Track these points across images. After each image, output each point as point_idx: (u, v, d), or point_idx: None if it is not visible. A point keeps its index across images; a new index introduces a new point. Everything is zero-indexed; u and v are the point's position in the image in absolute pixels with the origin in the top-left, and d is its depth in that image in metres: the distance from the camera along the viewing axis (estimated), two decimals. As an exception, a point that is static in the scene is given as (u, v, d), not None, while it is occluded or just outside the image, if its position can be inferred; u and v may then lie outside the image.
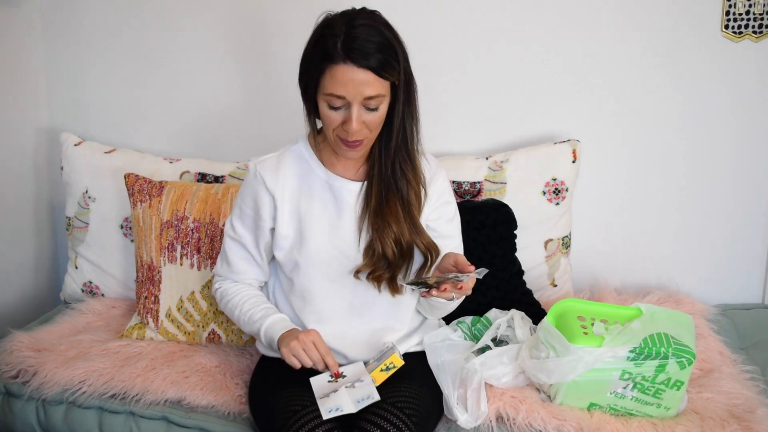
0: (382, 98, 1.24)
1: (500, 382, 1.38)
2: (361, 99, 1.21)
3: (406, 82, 1.29)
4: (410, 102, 1.31)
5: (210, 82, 2.02)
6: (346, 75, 1.19)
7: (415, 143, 1.35)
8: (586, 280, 1.94)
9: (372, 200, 1.35)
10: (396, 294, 1.38)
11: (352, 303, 1.39)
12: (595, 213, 1.94)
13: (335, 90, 1.21)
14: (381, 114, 1.26)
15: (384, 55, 1.20)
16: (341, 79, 1.19)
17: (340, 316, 1.39)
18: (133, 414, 1.42)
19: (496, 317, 1.54)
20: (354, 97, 1.21)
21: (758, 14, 1.77)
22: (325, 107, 1.25)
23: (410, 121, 1.32)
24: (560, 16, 1.84)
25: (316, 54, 1.23)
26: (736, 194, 1.88)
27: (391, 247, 1.32)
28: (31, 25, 2.03)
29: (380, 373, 1.27)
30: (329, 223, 1.36)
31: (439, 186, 1.43)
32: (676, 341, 1.27)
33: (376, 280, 1.35)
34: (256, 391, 1.38)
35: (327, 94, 1.22)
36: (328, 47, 1.20)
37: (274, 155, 1.40)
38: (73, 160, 1.94)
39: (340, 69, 1.19)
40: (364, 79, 1.20)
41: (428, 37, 1.87)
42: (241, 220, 1.42)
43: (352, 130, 1.23)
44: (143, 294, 1.72)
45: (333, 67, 1.20)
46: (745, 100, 1.83)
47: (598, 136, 1.89)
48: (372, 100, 1.22)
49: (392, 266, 1.34)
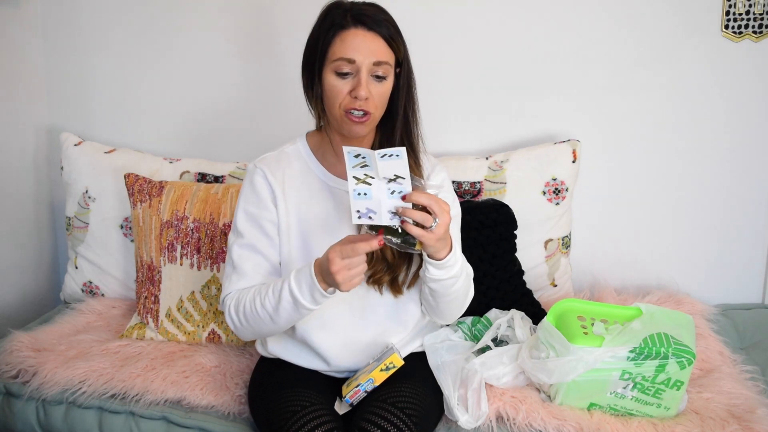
0: (389, 68, 1.24)
1: (500, 382, 1.38)
2: (371, 64, 1.21)
3: (407, 72, 1.30)
4: (410, 93, 1.31)
5: (210, 83, 2.02)
6: (357, 38, 1.21)
7: (416, 136, 1.34)
8: (586, 280, 1.94)
9: None
10: (398, 295, 1.36)
11: (352, 305, 1.36)
12: (595, 213, 1.94)
13: (345, 53, 1.21)
14: (386, 89, 1.26)
15: (392, 27, 1.24)
16: (352, 42, 1.21)
17: (344, 320, 1.36)
18: (133, 414, 1.42)
19: (497, 317, 1.54)
20: (364, 60, 1.21)
21: (758, 14, 1.77)
22: (332, 78, 1.23)
23: (411, 112, 1.32)
24: (560, 16, 1.84)
25: (323, 28, 1.24)
26: (736, 194, 1.88)
27: (390, 249, 1.31)
28: (31, 25, 2.03)
29: (380, 372, 1.27)
30: (329, 225, 1.34)
31: (437, 178, 1.40)
32: (676, 341, 1.27)
33: (377, 283, 1.34)
34: (255, 392, 1.37)
35: (336, 60, 1.22)
36: (337, 18, 1.22)
37: (272, 154, 1.39)
38: (73, 160, 1.95)
39: (351, 32, 1.21)
40: (375, 42, 1.21)
41: (428, 37, 1.87)
42: (247, 222, 1.35)
43: (361, 95, 1.21)
44: (143, 294, 1.72)
45: (343, 32, 1.21)
46: (745, 100, 1.82)
47: (598, 136, 1.89)
48: (380, 67, 1.22)
49: (392, 267, 1.33)
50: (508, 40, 1.88)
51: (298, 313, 1.23)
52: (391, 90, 1.27)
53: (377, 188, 1.11)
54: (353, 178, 1.11)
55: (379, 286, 1.35)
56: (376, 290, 1.35)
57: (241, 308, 1.29)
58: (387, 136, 1.32)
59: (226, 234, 1.67)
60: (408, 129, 1.32)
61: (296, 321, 1.28)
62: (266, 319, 1.26)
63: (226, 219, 1.69)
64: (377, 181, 1.10)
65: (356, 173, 1.11)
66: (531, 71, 1.88)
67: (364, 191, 1.11)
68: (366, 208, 1.12)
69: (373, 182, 1.11)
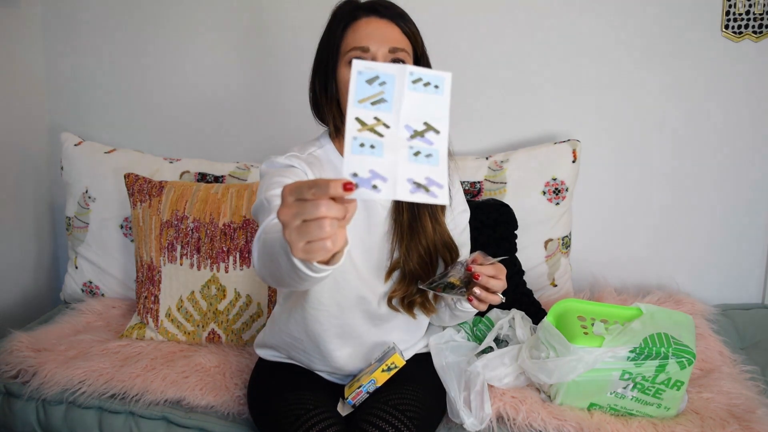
0: (407, 56, 1.20)
1: (502, 383, 1.38)
2: (386, 50, 1.18)
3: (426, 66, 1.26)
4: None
5: (210, 83, 2.02)
6: (370, 25, 1.18)
7: None
8: (586, 280, 1.94)
9: (403, 215, 1.26)
10: (431, 314, 1.34)
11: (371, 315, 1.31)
12: (595, 213, 1.94)
13: (359, 42, 1.17)
14: None
15: (406, 16, 1.21)
16: (365, 30, 1.18)
17: (361, 329, 1.31)
18: (133, 414, 1.42)
19: (498, 317, 1.54)
20: (379, 47, 1.17)
21: (758, 14, 1.77)
22: (346, 71, 1.17)
23: None
24: (560, 16, 1.84)
25: (333, 25, 1.20)
26: (737, 194, 1.88)
27: (417, 262, 1.26)
28: (31, 25, 2.03)
29: (382, 373, 1.26)
30: (360, 238, 1.26)
31: (458, 192, 1.39)
32: (676, 341, 1.27)
33: (410, 307, 1.30)
34: (256, 394, 1.36)
35: (349, 51, 1.17)
36: (347, 13, 1.20)
37: (296, 153, 1.24)
38: (73, 160, 1.95)
39: (364, 21, 1.19)
40: (389, 29, 1.18)
41: (428, 37, 1.86)
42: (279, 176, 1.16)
43: None
44: (143, 294, 1.72)
45: (356, 23, 1.19)
46: (745, 100, 1.83)
47: (598, 136, 1.89)
48: (397, 53, 1.19)
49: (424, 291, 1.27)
50: (508, 40, 1.88)
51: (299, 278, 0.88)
52: None
53: (393, 142, 0.72)
54: (356, 120, 0.72)
55: (411, 311, 1.31)
56: (410, 315, 1.32)
57: (261, 236, 1.01)
58: None
59: (226, 234, 1.68)
60: None
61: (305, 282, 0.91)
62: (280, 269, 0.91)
63: (226, 219, 1.69)
64: (394, 131, 0.72)
65: (362, 113, 0.72)
66: (531, 71, 1.88)
67: (371, 143, 0.71)
68: (370, 171, 0.70)
69: (387, 133, 0.72)
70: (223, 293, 1.67)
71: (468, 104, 1.92)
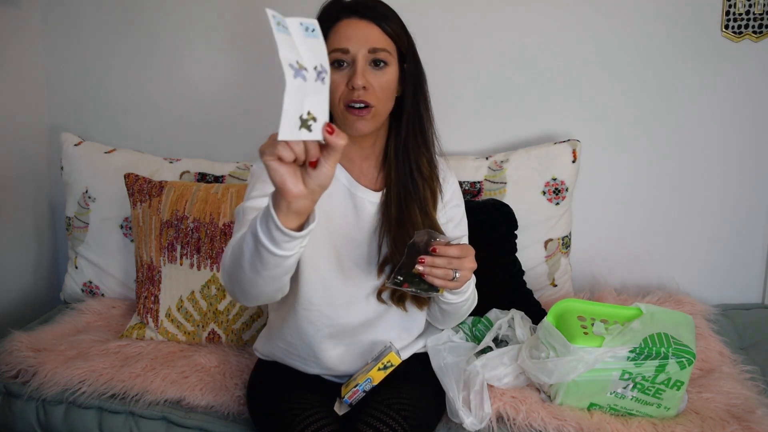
0: (388, 55, 1.19)
1: (501, 383, 1.38)
2: (366, 51, 1.17)
3: (415, 65, 1.26)
4: (420, 88, 1.26)
5: (210, 82, 2.02)
6: (349, 27, 1.18)
7: (432, 136, 1.30)
8: (586, 280, 1.94)
9: (392, 209, 1.27)
10: (424, 307, 1.34)
11: (368, 314, 1.32)
12: (595, 213, 1.94)
13: (339, 43, 1.17)
14: (388, 79, 1.20)
15: (390, 15, 1.21)
16: (344, 32, 1.18)
17: (355, 329, 1.32)
18: (133, 414, 1.42)
19: (497, 318, 1.54)
20: (359, 48, 1.17)
21: (758, 14, 1.77)
22: (332, 73, 1.17)
23: (424, 109, 1.27)
24: (560, 16, 1.84)
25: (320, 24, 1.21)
26: (737, 194, 1.88)
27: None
28: (31, 25, 2.03)
29: (378, 372, 1.26)
30: (349, 234, 1.29)
31: (451, 186, 1.38)
32: (676, 341, 1.27)
33: (401, 301, 1.31)
34: (255, 393, 1.36)
35: (330, 53, 1.17)
36: (333, 11, 1.20)
37: None
38: (73, 160, 1.95)
39: (344, 23, 1.18)
40: (369, 30, 1.18)
41: (428, 37, 1.86)
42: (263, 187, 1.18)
43: (357, 83, 1.15)
44: (143, 294, 1.72)
45: (337, 24, 1.19)
46: (745, 100, 1.83)
47: (598, 136, 1.89)
48: (378, 54, 1.18)
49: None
50: (508, 40, 1.87)
51: (259, 256, 0.95)
52: (395, 81, 1.22)
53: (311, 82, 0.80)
54: (289, 66, 0.79)
55: (402, 304, 1.32)
56: (401, 308, 1.33)
57: (228, 253, 1.07)
58: (398, 135, 1.28)
59: (226, 234, 1.67)
60: (422, 127, 1.28)
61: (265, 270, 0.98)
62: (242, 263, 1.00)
63: (226, 219, 1.69)
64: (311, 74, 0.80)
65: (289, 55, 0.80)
66: (531, 71, 1.88)
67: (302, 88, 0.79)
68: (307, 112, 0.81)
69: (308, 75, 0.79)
70: (223, 293, 1.67)
71: (468, 104, 1.92)
